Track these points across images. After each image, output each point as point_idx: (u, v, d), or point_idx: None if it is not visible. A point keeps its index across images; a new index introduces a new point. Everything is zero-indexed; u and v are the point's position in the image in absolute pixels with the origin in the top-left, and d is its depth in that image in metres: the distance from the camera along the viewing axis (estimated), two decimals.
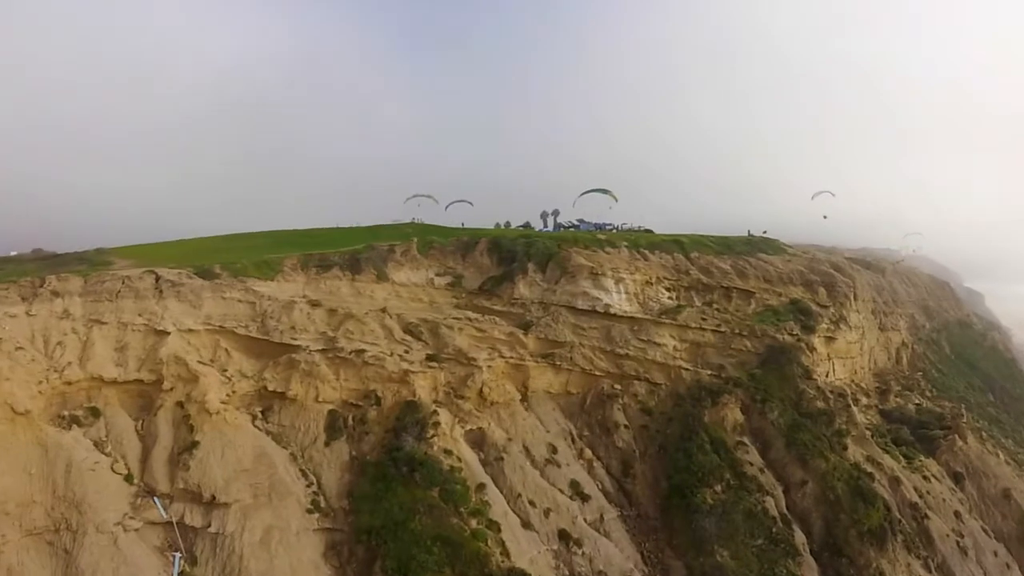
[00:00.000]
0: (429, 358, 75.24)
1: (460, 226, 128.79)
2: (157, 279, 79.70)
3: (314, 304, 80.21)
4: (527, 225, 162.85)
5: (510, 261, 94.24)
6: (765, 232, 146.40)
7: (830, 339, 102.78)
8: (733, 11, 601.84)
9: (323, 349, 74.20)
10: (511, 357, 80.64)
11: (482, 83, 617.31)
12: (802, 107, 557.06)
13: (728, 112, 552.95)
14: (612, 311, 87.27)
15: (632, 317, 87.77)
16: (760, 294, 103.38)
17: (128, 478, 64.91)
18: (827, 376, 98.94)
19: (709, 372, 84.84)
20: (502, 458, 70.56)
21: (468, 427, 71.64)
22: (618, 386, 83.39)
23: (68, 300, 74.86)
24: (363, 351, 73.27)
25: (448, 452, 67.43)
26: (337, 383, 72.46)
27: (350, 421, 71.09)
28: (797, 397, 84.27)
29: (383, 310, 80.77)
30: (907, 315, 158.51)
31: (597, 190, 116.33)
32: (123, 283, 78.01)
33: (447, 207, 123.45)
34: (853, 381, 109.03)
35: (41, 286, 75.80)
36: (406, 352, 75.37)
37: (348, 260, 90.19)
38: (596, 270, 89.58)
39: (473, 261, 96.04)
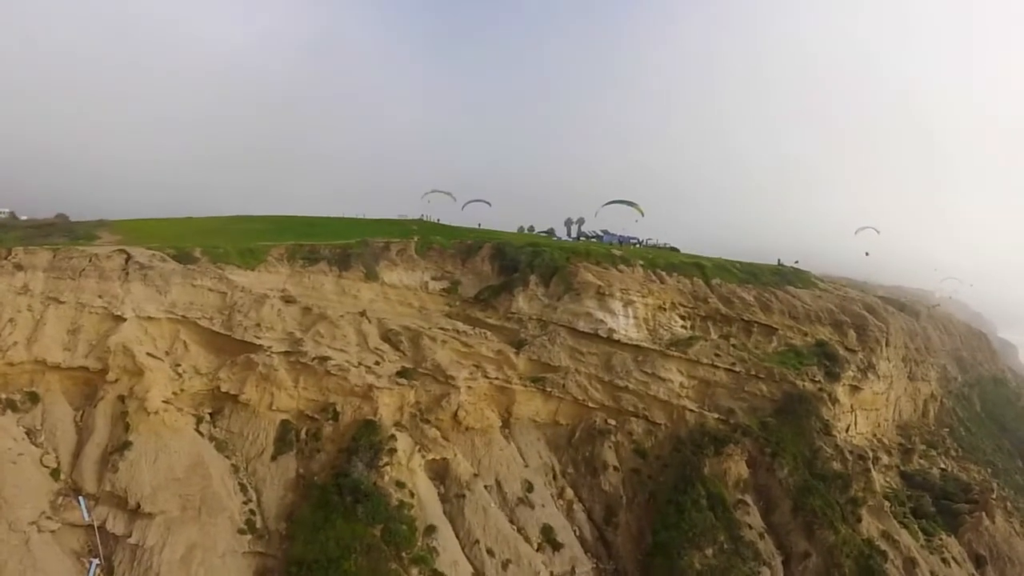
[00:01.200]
0: (400, 373, 66.05)
1: (477, 226, 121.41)
2: (127, 259, 72.62)
3: (288, 300, 71.47)
4: (551, 231, 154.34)
5: (512, 270, 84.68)
6: (797, 262, 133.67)
7: (855, 389, 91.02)
8: (772, 30, 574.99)
9: (286, 352, 65.51)
10: (496, 378, 70.92)
11: (510, 85, 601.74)
12: (837, 135, 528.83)
13: (761, 134, 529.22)
14: (616, 337, 77.00)
15: (637, 346, 77.34)
16: (784, 331, 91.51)
17: (55, 473, 58.09)
18: (848, 430, 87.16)
19: (716, 416, 73.86)
20: (464, 495, 61.25)
21: (431, 456, 62.43)
22: (612, 421, 73.30)
23: (31, 275, 68.61)
24: (327, 359, 64.17)
25: (400, 484, 58.18)
26: (295, 391, 63.75)
27: (303, 435, 62.51)
28: (812, 455, 73.25)
29: (362, 313, 71.76)
30: (939, 365, 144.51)
31: (622, 201, 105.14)
32: (90, 261, 70.95)
33: (464, 206, 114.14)
34: (875, 435, 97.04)
35: (6, 258, 69.89)
36: (376, 363, 65.90)
37: (338, 255, 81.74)
38: (604, 289, 79.02)
39: (473, 267, 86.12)
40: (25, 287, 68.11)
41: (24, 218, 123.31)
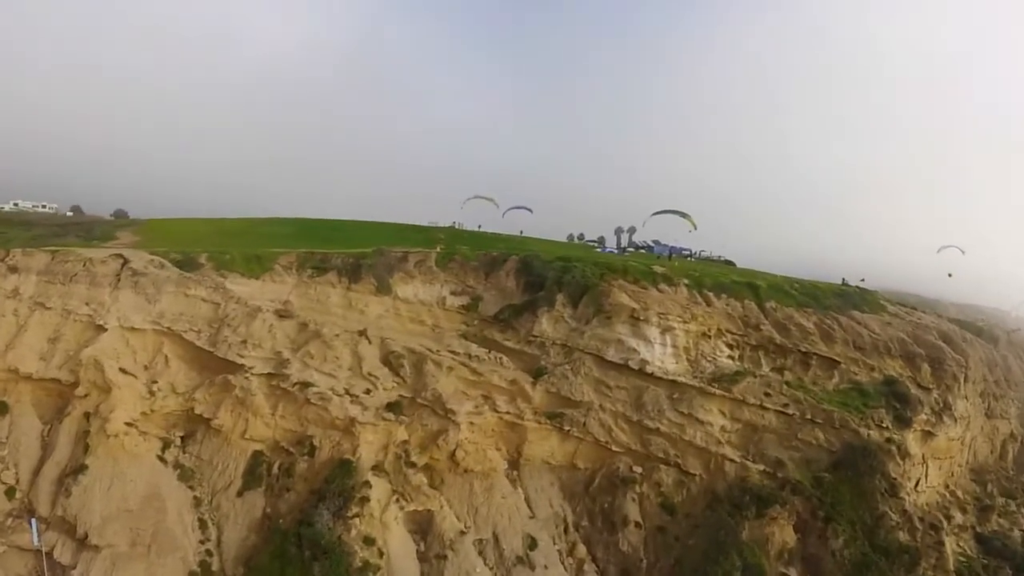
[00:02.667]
0: (391, 406, 55.70)
1: (519, 234, 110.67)
2: (124, 264, 66.85)
3: (282, 315, 62.82)
4: (601, 240, 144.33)
5: (538, 287, 74.15)
6: (863, 281, 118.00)
7: (928, 435, 76.41)
8: (840, 32, 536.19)
9: (268, 374, 56.45)
10: (507, 412, 60.50)
11: (565, 93, 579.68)
12: (907, 145, 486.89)
13: (824, 142, 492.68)
14: (649, 369, 65.46)
15: (674, 380, 65.54)
16: (847, 365, 77.94)
17: (10, 492, 52.68)
18: (917, 485, 72.12)
19: (762, 468, 61.58)
20: (446, 556, 51.80)
21: (411, 507, 52.39)
22: (638, 468, 61.65)
23: (24, 278, 64.56)
24: (309, 385, 54.57)
25: (369, 541, 49.16)
26: (272, 419, 55.09)
27: (275, 469, 54.07)
28: (874, 521, 60.68)
29: (361, 332, 62.51)
30: (1020, 399, 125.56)
31: (673, 212, 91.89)
32: (84, 266, 65.91)
33: (504, 213, 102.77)
34: (948, 488, 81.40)
35: (3, 259, 66.42)
36: (367, 392, 56.19)
37: (350, 265, 73.73)
38: (639, 313, 67.41)
39: (497, 282, 75.73)
40: (15, 291, 63.51)
41: (88, 214, 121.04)
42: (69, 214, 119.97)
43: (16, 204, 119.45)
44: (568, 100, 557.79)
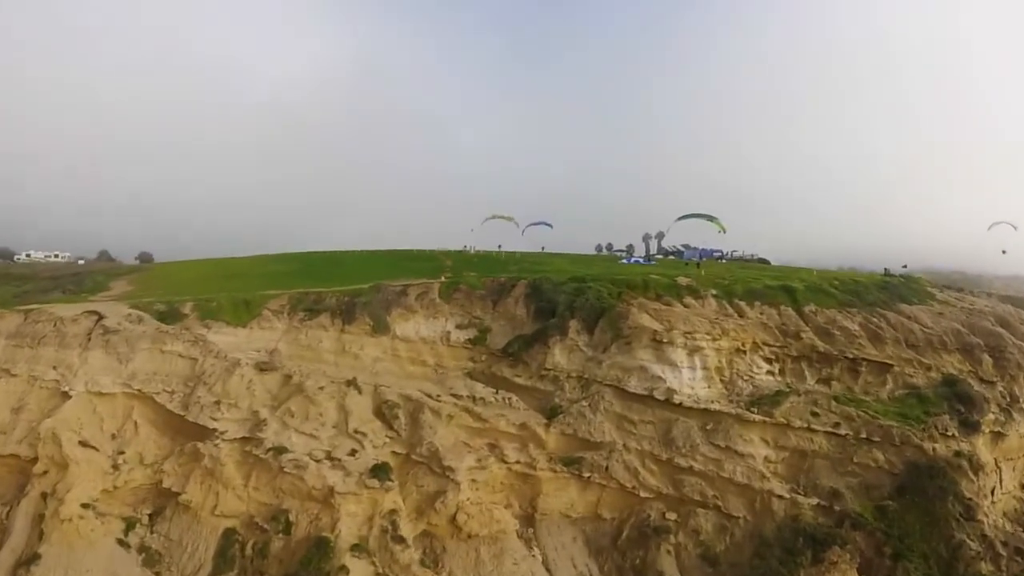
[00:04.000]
0: (377, 469, 46.72)
1: (540, 250, 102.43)
2: (97, 321, 59.69)
3: (264, 368, 54.93)
4: (629, 248, 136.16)
5: (550, 313, 65.38)
6: (905, 267, 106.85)
7: (998, 436, 65.34)
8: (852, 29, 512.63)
9: (242, 438, 48.48)
10: (517, 462, 51.97)
11: (577, 108, 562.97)
12: (933, 126, 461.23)
13: (850, 133, 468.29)
14: (677, 399, 56.37)
15: (706, 409, 55.47)
16: (900, 367, 67.82)
17: None
18: (993, 493, 60.95)
19: (815, 502, 51.80)
20: None
21: None
22: (672, 515, 52.42)
23: None
24: (284, 450, 45.65)
25: None
26: (244, 491, 47.80)
27: (248, 550, 46.50)
28: (950, 553, 51.35)
29: (350, 382, 54.69)
30: None
31: (699, 216, 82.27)
32: (54, 326, 58.63)
33: (524, 230, 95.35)
34: None
35: None
36: (352, 454, 48.30)
37: (344, 304, 65.96)
38: (662, 335, 58.35)
39: (505, 311, 67.50)
40: None
41: (82, 261, 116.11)
42: (81, 262, 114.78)
43: (29, 255, 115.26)
44: (580, 115, 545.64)
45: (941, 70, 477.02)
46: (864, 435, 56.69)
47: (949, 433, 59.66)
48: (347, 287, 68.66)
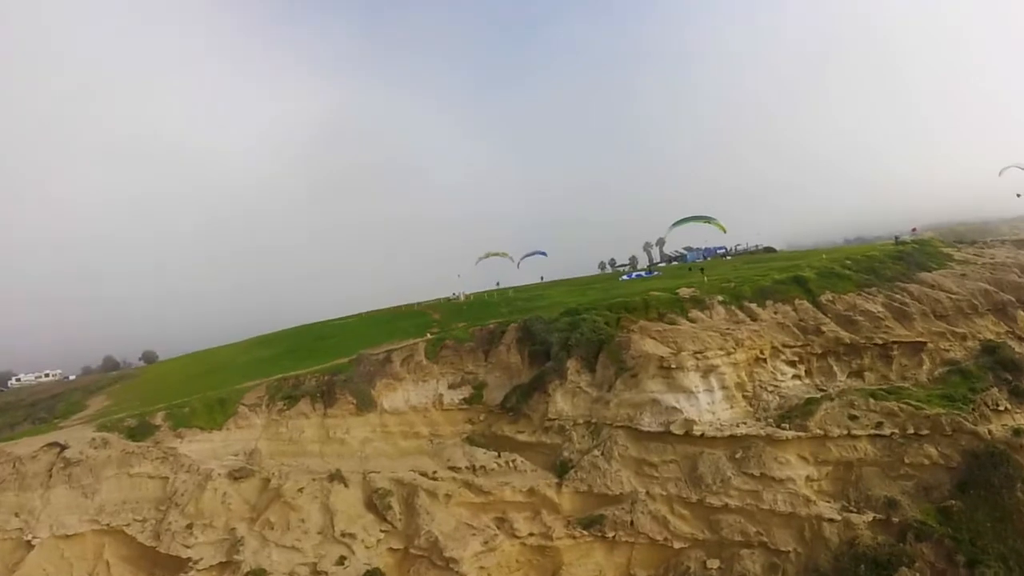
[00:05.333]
0: None
1: (540, 280, 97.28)
2: (59, 452, 53.24)
3: (238, 477, 49.21)
4: (632, 260, 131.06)
5: (545, 356, 58.66)
6: (914, 230, 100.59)
7: None
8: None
9: (219, 564, 42.46)
10: (529, 535, 46.11)
11: (562, 119, 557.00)
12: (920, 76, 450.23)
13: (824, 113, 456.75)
14: (698, 429, 49.93)
15: (732, 436, 48.86)
16: (934, 343, 61.47)
17: None
18: None
19: (871, 518, 45.53)
20: None
21: None
22: (715, 562, 46.42)
23: None
24: (263, 573, 38.90)
25: None
26: None
27: None
28: None
29: (332, 477, 49.18)
30: None
31: (694, 219, 76.83)
32: (13, 467, 52.34)
33: (519, 263, 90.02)
34: None
35: None
36: (340, 562, 43.45)
37: (325, 384, 58.60)
38: (669, 361, 52.34)
39: (499, 360, 61.49)
40: None
41: (73, 377, 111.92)
42: (72, 377, 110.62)
43: (19, 379, 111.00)
44: (561, 138, 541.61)
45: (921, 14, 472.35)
46: (911, 430, 50.21)
47: (1001, 407, 53.32)
48: (327, 364, 63.16)
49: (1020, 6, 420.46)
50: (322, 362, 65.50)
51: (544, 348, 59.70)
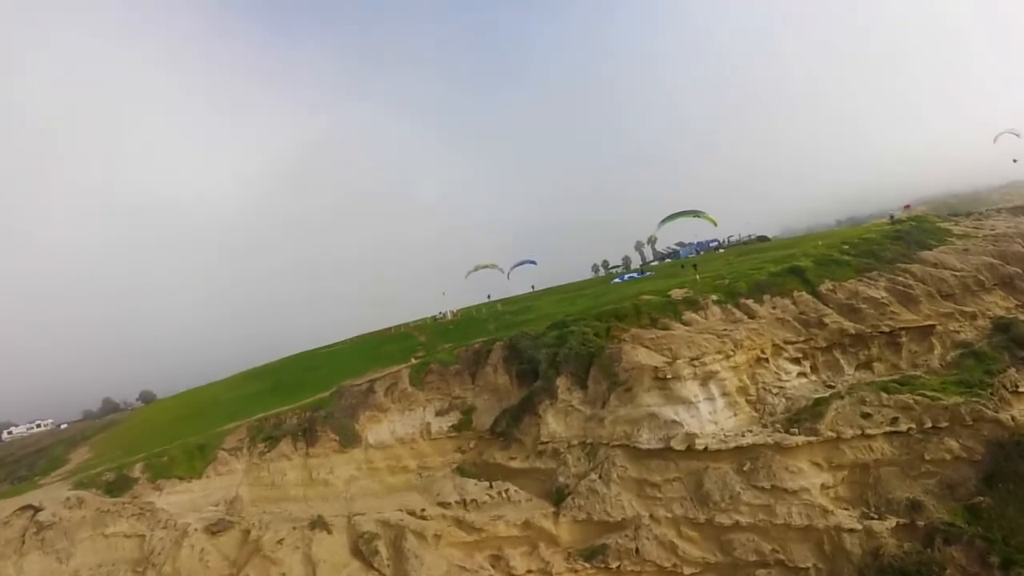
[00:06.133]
0: None
1: (531, 289, 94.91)
2: (32, 515, 49.50)
3: (215, 531, 45.64)
4: (625, 260, 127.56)
5: (533, 375, 54.63)
6: (908, 207, 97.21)
7: None
8: None
9: None
10: (527, 572, 42.56)
11: (544, 126, 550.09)
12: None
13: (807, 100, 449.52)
14: (700, 443, 45.24)
15: (737, 447, 44.99)
16: (943, 325, 57.58)
17: None
18: None
19: (894, 524, 41.54)
20: None
21: None
22: None
23: None
24: None
25: None
26: None
27: None
28: None
29: (314, 524, 45.37)
30: None
31: (683, 214, 72.80)
32: None
33: (508, 274, 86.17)
34: None
35: None
36: None
37: (306, 421, 54.69)
38: (665, 371, 48.40)
39: (486, 382, 57.60)
40: None
41: (65, 425, 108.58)
42: (63, 426, 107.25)
43: (11, 432, 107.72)
44: (543, 145, 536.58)
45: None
46: (929, 424, 46.14)
47: (1021, 389, 49.30)
48: (310, 398, 59.45)
49: None
50: (307, 395, 61.94)
51: (532, 366, 55.59)
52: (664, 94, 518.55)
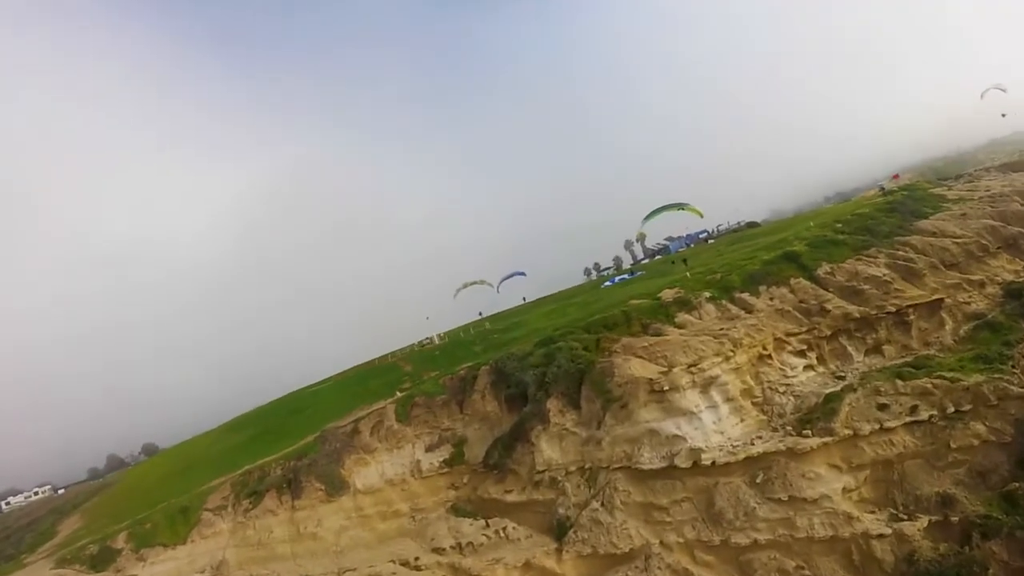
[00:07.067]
0: None
1: (522, 301, 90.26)
2: None
3: None
4: (617, 261, 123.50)
5: (523, 399, 50.53)
6: (897, 176, 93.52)
7: None
8: None
9: None
10: None
11: (521, 131, 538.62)
12: None
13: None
14: (706, 458, 41.10)
15: (747, 458, 40.49)
16: (951, 297, 53.43)
17: None
18: None
19: (926, 523, 37.46)
20: None
21: None
22: None
23: None
24: None
25: None
26: None
27: None
28: None
29: None
30: None
31: (666, 208, 69.12)
32: None
33: (498, 287, 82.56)
34: None
35: None
36: None
37: (291, 471, 50.34)
38: (661, 382, 44.19)
39: (475, 410, 53.43)
40: None
41: (62, 490, 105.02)
42: (61, 491, 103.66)
43: (8, 502, 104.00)
44: (521, 151, 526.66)
45: None
46: (951, 408, 41.72)
47: None
48: (295, 445, 55.37)
49: None
50: (292, 442, 57.84)
51: (520, 389, 51.14)
52: (637, 90, 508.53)
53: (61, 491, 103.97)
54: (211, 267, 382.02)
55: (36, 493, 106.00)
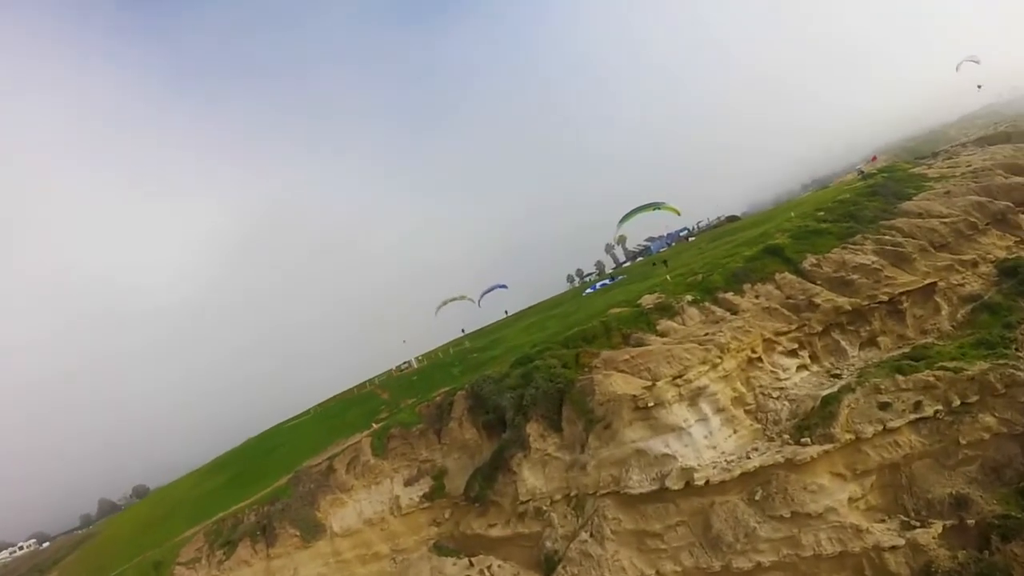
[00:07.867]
0: None
1: (504, 314, 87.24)
2: None
3: None
4: (599, 266, 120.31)
5: (502, 424, 46.60)
6: (874, 159, 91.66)
7: None
8: None
9: None
10: None
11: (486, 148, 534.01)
12: None
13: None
14: (699, 477, 37.46)
15: (744, 473, 36.87)
16: (945, 280, 50.46)
17: None
18: None
19: (940, 528, 34.28)
20: None
21: None
22: None
23: None
24: None
25: None
26: None
27: None
28: None
29: None
30: None
31: (642, 208, 66.05)
32: None
33: (479, 301, 79.34)
34: None
35: None
36: None
37: (265, 516, 46.30)
38: (645, 398, 40.49)
39: (453, 439, 49.79)
40: None
41: (47, 544, 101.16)
42: (45, 545, 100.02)
43: None
44: (487, 168, 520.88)
45: None
46: (957, 401, 38.50)
47: None
48: (268, 489, 51.62)
49: None
50: (267, 484, 54.04)
51: (498, 414, 47.46)
52: (607, 91, 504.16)
53: (46, 544, 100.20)
54: (191, 304, 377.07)
55: (22, 548, 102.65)
